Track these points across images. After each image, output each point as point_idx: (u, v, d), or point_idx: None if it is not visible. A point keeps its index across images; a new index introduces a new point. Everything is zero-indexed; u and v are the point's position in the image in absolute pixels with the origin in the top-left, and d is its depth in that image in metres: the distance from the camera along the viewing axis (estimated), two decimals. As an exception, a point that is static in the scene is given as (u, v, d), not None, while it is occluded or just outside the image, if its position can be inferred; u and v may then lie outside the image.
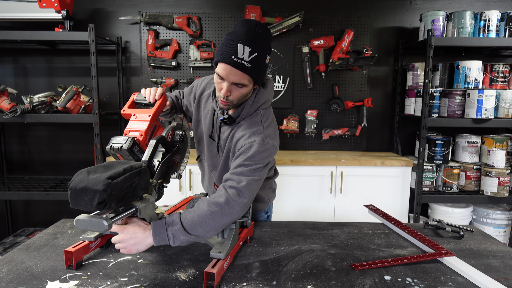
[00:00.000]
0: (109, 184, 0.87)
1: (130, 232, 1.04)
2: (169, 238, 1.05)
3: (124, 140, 1.08)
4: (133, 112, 1.21)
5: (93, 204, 0.87)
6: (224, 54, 1.16)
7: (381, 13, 2.98)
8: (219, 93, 1.24)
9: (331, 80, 3.02)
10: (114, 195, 0.89)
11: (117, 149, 1.07)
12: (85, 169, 0.95)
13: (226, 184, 1.18)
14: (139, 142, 1.11)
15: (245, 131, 1.27)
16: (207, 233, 1.10)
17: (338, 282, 1.03)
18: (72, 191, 0.89)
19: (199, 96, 1.46)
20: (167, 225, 1.06)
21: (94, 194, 0.86)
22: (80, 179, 0.90)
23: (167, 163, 1.18)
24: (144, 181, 1.01)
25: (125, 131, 1.16)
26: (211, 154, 1.45)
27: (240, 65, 1.15)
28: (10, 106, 2.44)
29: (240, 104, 1.29)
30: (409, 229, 1.40)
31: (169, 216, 1.10)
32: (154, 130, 1.21)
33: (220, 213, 1.11)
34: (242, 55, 1.14)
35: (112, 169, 0.94)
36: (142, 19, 2.88)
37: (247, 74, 1.17)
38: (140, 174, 0.99)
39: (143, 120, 1.18)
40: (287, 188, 2.65)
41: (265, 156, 1.23)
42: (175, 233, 1.06)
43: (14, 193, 2.60)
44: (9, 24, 2.91)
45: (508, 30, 2.61)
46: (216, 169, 1.45)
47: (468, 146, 2.73)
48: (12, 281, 1.01)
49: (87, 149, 3.03)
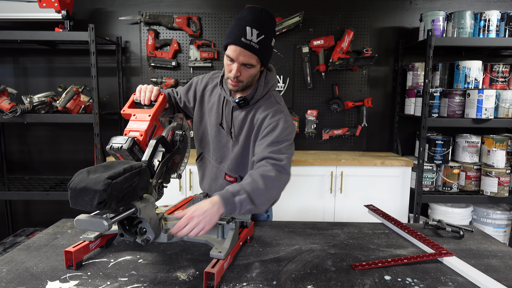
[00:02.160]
0: (109, 184, 0.87)
1: (201, 211, 1.07)
2: (237, 206, 1.14)
3: (124, 140, 1.08)
4: (133, 112, 1.21)
5: (93, 204, 0.86)
6: (233, 36, 1.23)
7: (381, 13, 2.98)
8: (229, 74, 1.30)
9: (331, 80, 3.02)
10: (114, 195, 0.89)
11: (117, 149, 1.07)
12: (85, 169, 0.95)
13: (268, 162, 1.25)
14: (139, 142, 1.11)
15: (267, 111, 1.35)
16: (263, 205, 1.20)
17: (338, 282, 1.03)
18: (72, 191, 0.89)
19: (203, 91, 1.50)
20: (233, 195, 1.14)
21: (94, 194, 0.86)
22: (80, 179, 0.90)
23: (167, 163, 1.18)
24: (144, 181, 1.01)
25: (125, 131, 1.16)
26: (219, 145, 1.48)
27: (249, 46, 1.22)
28: (10, 106, 2.44)
29: (248, 86, 1.36)
30: (409, 229, 1.40)
31: (231, 186, 1.17)
32: (154, 130, 1.21)
33: (273, 186, 1.21)
34: (251, 37, 1.22)
35: (112, 169, 0.94)
36: (142, 19, 2.88)
37: (255, 55, 1.25)
38: (140, 174, 0.98)
39: (143, 120, 1.18)
40: (287, 188, 2.63)
41: (289, 132, 1.33)
42: (243, 201, 1.14)
43: (14, 193, 2.60)
44: (9, 24, 2.91)
45: (508, 30, 2.61)
46: (226, 159, 1.47)
47: (468, 146, 2.73)
48: (12, 281, 1.01)
49: (87, 149, 3.03)
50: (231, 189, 1.15)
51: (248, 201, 1.15)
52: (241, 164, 1.45)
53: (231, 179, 1.47)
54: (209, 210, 1.08)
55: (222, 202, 1.11)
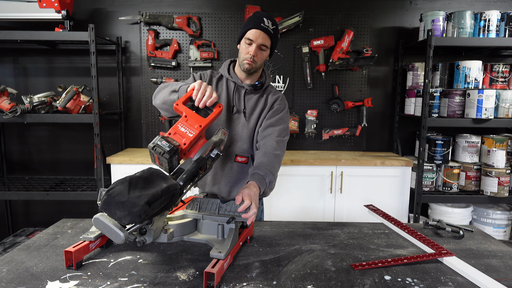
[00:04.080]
0: (145, 211, 0.89)
1: (255, 194, 1.27)
2: (267, 185, 1.40)
3: (169, 148, 1.07)
4: (185, 112, 1.17)
5: (122, 222, 0.89)
6: (254, 23, 1.49)
7: (381, 13, 2.98)
8: (246, 56, 1.52)
9: (331, 80, 3.02)
10: (144, 218, 0.91)
11: (158, 153, 1.06)
12: (127, 179, 0.95)
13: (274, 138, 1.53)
14: (180, 151, 1.10)
15: (277, 95, 1.65)
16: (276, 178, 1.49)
17: (338, 282, 1.03)
18: (109, 198, 0.90)
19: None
20: (264, 177, 1.38)
21: (128, 215, 0.88)
22: (120, 192, 0.91)
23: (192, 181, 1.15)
24: (173, 203, 1.02)
25: (171, 129, 1.13)
26: (229, 129, 1.61)
27: (267, 30, 1.49)
28: (10, 106, 2.44)
29: (255, 71, 1.59)
30: (409, 229, 1.40)
31: (258, 169, 1.39)
32: (198, 140, 1.17)
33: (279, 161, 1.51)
34: (268, 24, 1.50)
35: (151, 187, 0.94)
36: (142, 19, 2.88)
37: (270, 39, 1.52)
38: (173, 196, 1.00)
39: (192, 127, 1.14)
40: (287, 188, 2.65)
41: (288, 116, 1.67)
42: (271, 180, 1.40)
43: (14, 193, 2.60)
44: (9, 24, 2.91)
45: (508, 30, 2.61)
46: (236, 141, 1.60)
47: (468, 146, 2.73)
48: (12, 281, 1.01)
49: (87, 149, 3.03)
50: (261, 173, 1.38)
51: (273, 179, 1.43)
52: (252, 142, 1.62)
53: (242, 159, 1.61)
54: (256, 192, 1.29)
55: (259, 184, 1.34)
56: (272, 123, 1.58)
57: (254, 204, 1.22)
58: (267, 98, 1.63)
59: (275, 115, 1.60)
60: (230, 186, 1.60)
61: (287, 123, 1.63)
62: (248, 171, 1.49)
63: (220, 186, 1.60)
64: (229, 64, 1.66)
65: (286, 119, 1.63)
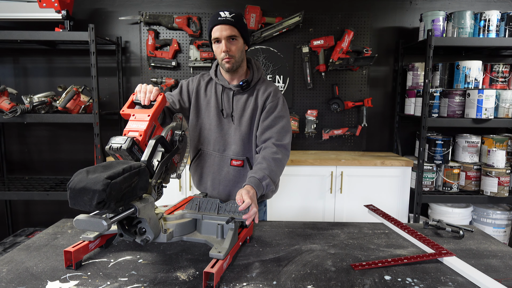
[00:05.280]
0: (108, 184, 0.87)
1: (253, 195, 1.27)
2: (264, 189, 1.38)
3: (123, 140, 1.08)
4: (132, 112, 1.21)
5: (92, 204, 0.86)
6: (212, 21, 1.46)
7: (381, 13, 2.98)
8: (221, 55, 1.47)
9: (331, 80, 3.02)
10: (113, 195, 0.89)
11: (116, 149, 1.07)
12: (84, 169, 0.94)
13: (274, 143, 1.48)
14: (139, 142, 1.11)
15: (269, 89, 1.56)
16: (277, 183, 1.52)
17: (338, 282, 1.03)
18: (71, 191, 0.89)
19: (197, 88, 1.61)
20: (261, 181, 1.37)
21: (93, 194, 0.86)
22: (79, 179, 0.90)
23: (166, 163, 1.18)
24: (143, 181, 1.01)
25: (124, 131, 1.16)
26: (221, 134, 1.58)
27: (225, 20, 1.44)
28: (10, 106, 2.44)
29: (239, 65, 1.53)
30: (409, 229, 1.40)
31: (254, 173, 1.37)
32: (153, 130, 1.21)
33: (281, 165, 1.48)
34: (225, 15, 1.45)
35: (111, 169, 0.94)
36: (142, 19, 2.88)
37: (234, 27, 1.45)
38: (139, 174, 0.98)
39: (142, 120, 1.18)
40: (287, 188, 2.65)
41: (286, 108, 1.58)
42: (268, 184, 1.38)
43: (14, 193, 2.60)
44: (9, 24, 2.91)
45: (508, 30, 2.61)
46: (229, 145, 1.57)
47: (468, 146, 2.73)
48: (12, 281, 1.01)
49: (87, 149, 3.03)
50: (257, 176, 1.36)
51: (271, 183, 1.39)
52: (247, 145, 1.57)
53: (237, 162, 1.58)
54: (254, 194, 1.28)
55: (256, 189, 1.32)
56: (269, 125, 1.52)
57: (254, 204, 1.22)
58: (257, 98, 1.56)
59: (269, 115, 1.53)
60: (229, 190, 1.61)
61: (285, 118, 1.54)
62: (246, 175, 1.49)
63: (219, 191, 1.61)
64: (216, 66, 1.63)
65: (283, 114, 1.54)
